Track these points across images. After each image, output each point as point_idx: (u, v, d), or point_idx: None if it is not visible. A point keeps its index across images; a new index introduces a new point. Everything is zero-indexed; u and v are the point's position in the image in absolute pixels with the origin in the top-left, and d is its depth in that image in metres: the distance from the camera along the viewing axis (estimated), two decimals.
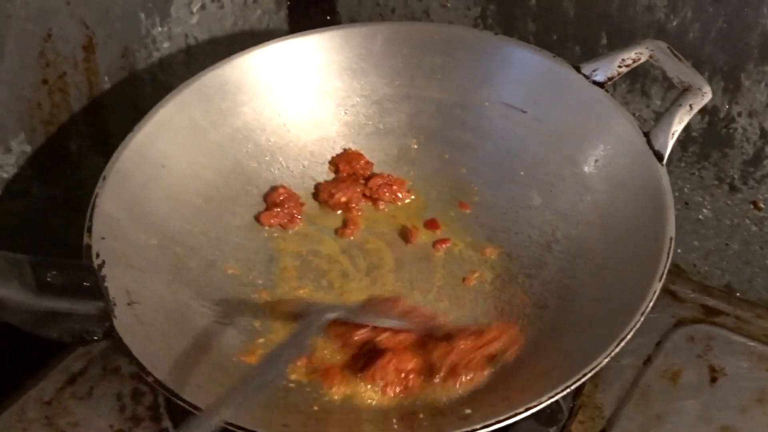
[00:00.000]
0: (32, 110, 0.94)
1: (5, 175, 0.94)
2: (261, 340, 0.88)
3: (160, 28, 1.03)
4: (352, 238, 0.98)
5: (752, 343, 1.00)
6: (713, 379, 0.97)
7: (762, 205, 1.03)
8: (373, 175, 1.02)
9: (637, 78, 1.03)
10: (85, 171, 0.93)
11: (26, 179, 0.97)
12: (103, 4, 0.96)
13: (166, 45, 1.05)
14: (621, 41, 1.01)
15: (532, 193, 0.98)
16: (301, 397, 0.83)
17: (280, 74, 1.01)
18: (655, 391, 0.96)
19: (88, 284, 0.76)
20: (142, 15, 1.00)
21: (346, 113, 1.04)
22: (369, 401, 0.83)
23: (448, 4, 1.12)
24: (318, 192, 1.02)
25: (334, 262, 0.96)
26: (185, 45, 1.07)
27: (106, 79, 1.00)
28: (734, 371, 0.98)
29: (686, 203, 1.08)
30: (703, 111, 1.00)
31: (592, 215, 0.93)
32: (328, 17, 1.23)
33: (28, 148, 0.95)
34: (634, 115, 1.04)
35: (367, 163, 1.03)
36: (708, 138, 1.03)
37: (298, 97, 1.03)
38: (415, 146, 1.04)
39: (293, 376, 0.84)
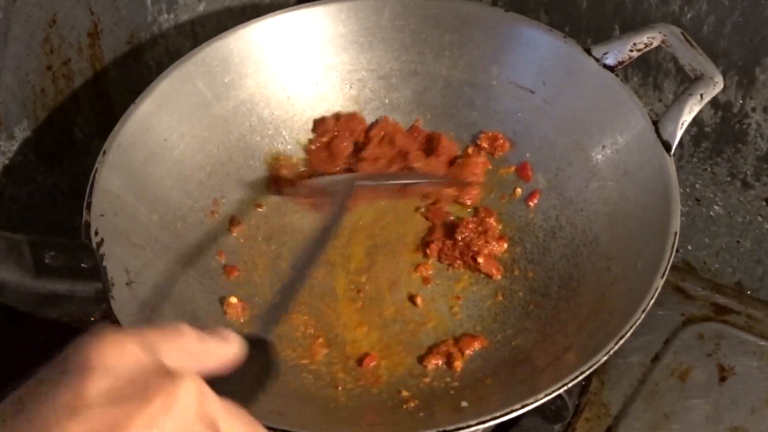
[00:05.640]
0: (36, 96, 0.93)
1: (8, 162, 0.93)
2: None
3: (166, 15, 1.02)
4: None
5: (763, 343, 0.99)
6: (722, 379, 0.96)
7: None
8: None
9: (650, 71, 1.02)
10: (91, 158, 0.92)
11: (31, 166, 0.96)
12: None
13: (172, 32, 1.04)
14: None
15: (537, 176, 0.97)
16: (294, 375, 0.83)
17: (285, 46, 1.00)
18: (663, 389, 0.95)
19: (86, 265, 0.76)
20: (149, 2, 0.99)
21: (351, 87, 1.03)
22: (362, 389, 0.82)
23: None
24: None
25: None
26: (192, 32, 1.06)
27: (112, 66, 0.99)
28: (744, 371, 0.96)
29: (698, 199, 1.07)
30: (716, 106, 0.99)
31: (598, 203, 0.91)
32: None
33: (31, 135, 0.94)
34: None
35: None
36: (721, 133, 1.01)
37: (303, 70, 1.01)
38: (421, 123, 1.02)
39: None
